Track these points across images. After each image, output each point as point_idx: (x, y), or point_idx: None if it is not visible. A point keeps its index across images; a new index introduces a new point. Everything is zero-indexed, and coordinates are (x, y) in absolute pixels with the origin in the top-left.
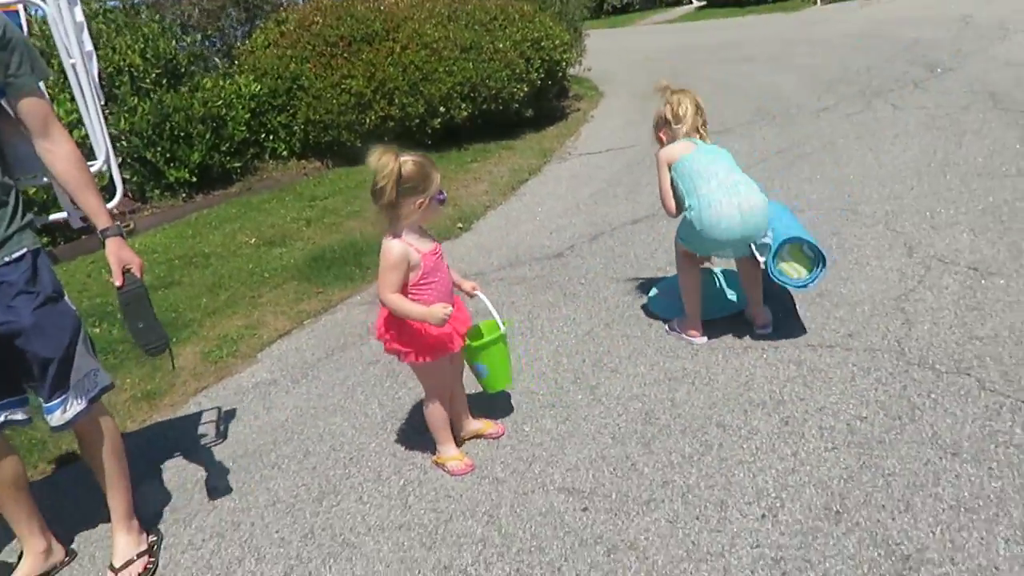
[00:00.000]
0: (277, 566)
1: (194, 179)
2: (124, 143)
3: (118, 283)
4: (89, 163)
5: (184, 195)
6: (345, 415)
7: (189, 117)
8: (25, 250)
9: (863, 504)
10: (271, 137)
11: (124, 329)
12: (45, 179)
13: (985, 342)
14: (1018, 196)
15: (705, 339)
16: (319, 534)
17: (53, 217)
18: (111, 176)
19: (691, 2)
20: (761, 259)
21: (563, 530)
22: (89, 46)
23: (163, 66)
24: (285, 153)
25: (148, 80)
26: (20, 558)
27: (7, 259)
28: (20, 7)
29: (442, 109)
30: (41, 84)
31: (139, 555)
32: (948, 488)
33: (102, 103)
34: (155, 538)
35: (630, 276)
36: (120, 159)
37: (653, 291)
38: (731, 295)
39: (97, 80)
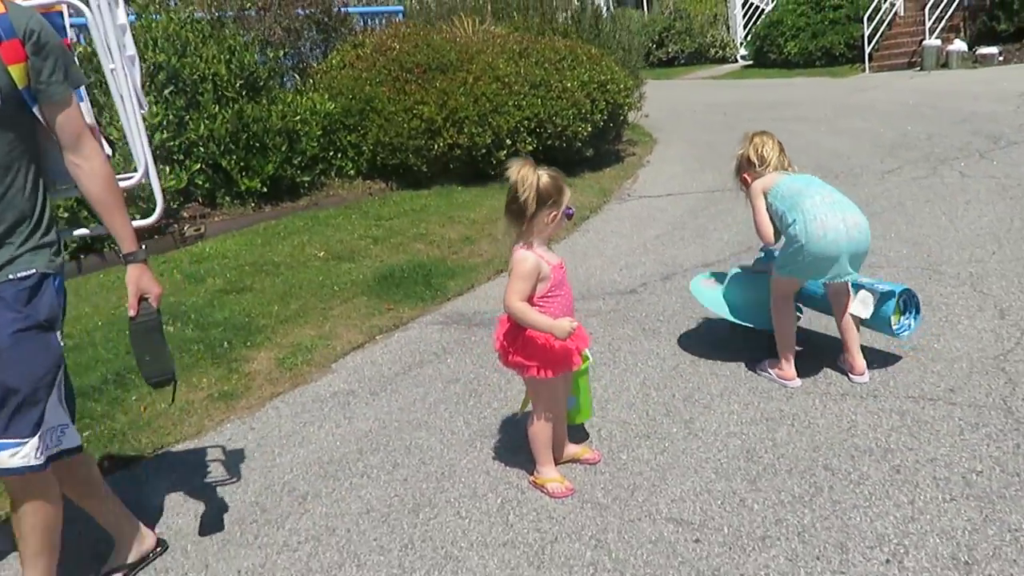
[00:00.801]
0: (379, 574)
1: (264, 189)
2: (202, 149)
3: (132, 313)
4: (128, 175)
5: (253, 205)
6: (430, 430)
7: (267, 128)
8: (34, 271)
9: (992, 557)
10: (340, 155)
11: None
12: None
13: None
14: None
15: (800, 382)
16: (419, 545)
17: (78, 232)
18: (151, 189)
19: (736, 60)
20: (863, 307)
21: (676, 559)
22: (132, 50)
23: (245, 78)
24: (352, 172)
25: (231, 90)
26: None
27: (11, 276)
28: (64, 6)
29: (508, 142)
30: (81, 90)
31: None
32: None
33: (143, 111)
34: None
35: (710, 316)
36: (198, 165)
37: (700, 277)
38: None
39: (139, 87)
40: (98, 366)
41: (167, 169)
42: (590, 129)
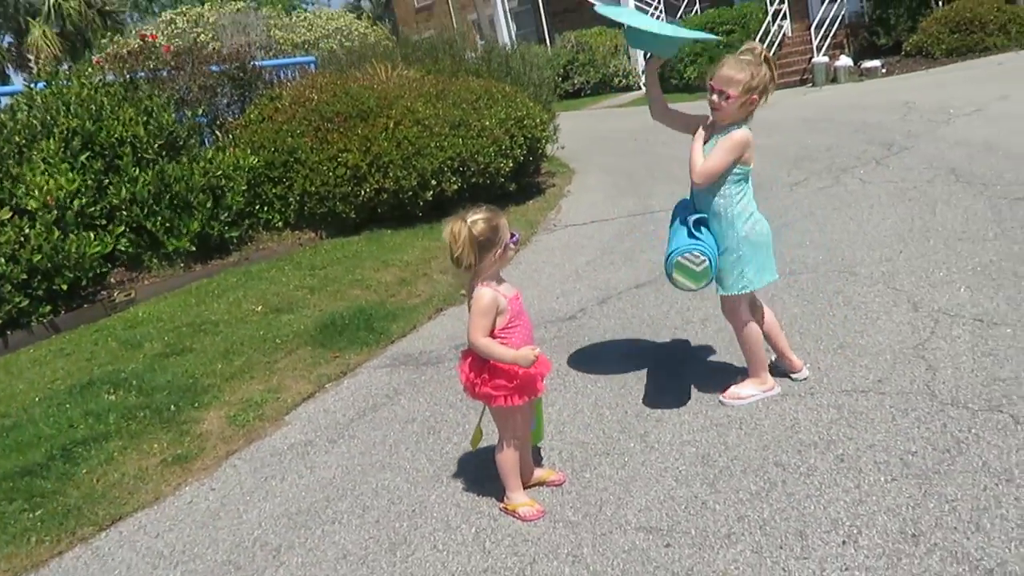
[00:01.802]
0: None
1: (193, 248)
2: (124, 212)
3: None
4: None
5: (182, 264)
6: (395, 471)
7: (190, 187)
8: None
9: (936, 527)
10: (266, 208)
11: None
12: None
13: (1008, 383)
14: (1002, 256)
15: (779, 389)
16: None
17: None
18: None
19: (640, 88)
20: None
21: (651, 565)
22: None
23: (164, 138)
24: (280, 224)
25: (150, 151)
26: None
27: None
28: None
29: (433, 182)
30: None
31: None
32: (1012, 509)
33: None
34: None
35: (648, 335)
36: (122, 228)
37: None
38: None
39: None
40: (41, 443)
41: (90, 235)
42: (511, 164)
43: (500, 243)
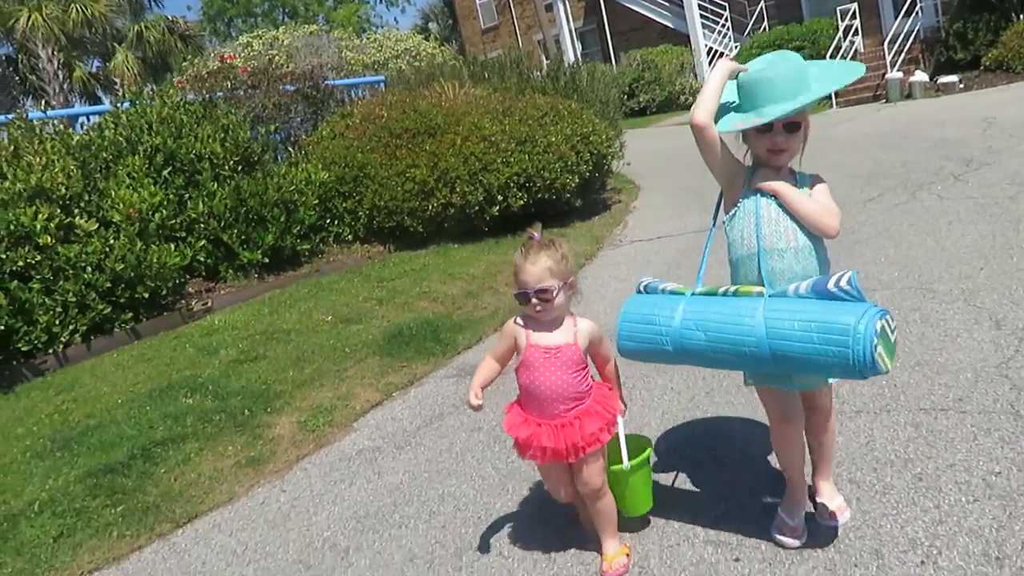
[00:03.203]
0: None
1: (266, 260)
2: (203, 225)
3: None
4: None
5: (256, 275)
6: (461, 478)
7: (264, 201)
8: None
9: (1022, 550)
10: (336, 222)
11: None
12: None
13: None
14: None
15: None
16: None
17: None
18: None
19: None
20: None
21: None
22: None
23: (240, 154)
24: (350, 237)
25: (227, 167)
26: None
27: None
28: None
29: (500, 197)
30: None
31: None
32: None
33: None
34: None
35: None
36: (202, 241)
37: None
38: None
39: None
40: (123, 443)
41: (171, 247)
42: (577, 180)
43: (517, 286)
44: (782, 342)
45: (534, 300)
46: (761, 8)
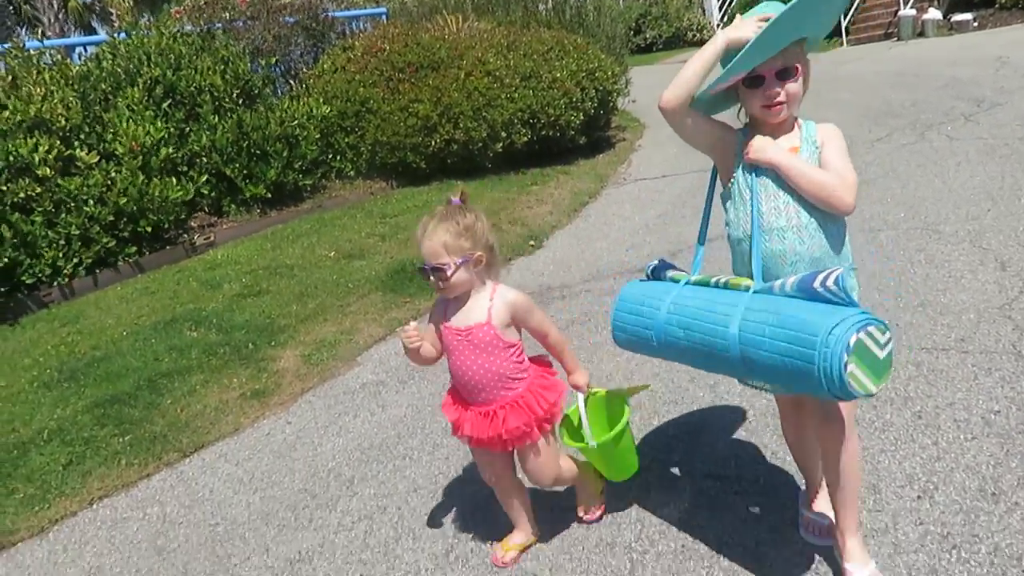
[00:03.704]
0: (436, 544)
1: (269, 195)
2: (205, 159)
3: None
4: None
5: (259, 210)
6: None
7: (266, 136)
8: None
9: (1018, 487)
10: (339, 157)
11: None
12: None
13: None
14: None
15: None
16: (472, 516)
17: None
18: None
19: None
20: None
21: (719, 511)
22: None
23: (241, 87)
24: (352, 173)
25: (228, 100)
26: None
27: None
28: None
29: (503, 134)
30: None
31: None
32: None
33: None
34: None
35: None
36: (204, 176)
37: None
38: None
39: None
40: (129, 374)
41: (173, 181)
42: (582, 117)
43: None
44: (754, 349)
45: (432, 278)
46: None
